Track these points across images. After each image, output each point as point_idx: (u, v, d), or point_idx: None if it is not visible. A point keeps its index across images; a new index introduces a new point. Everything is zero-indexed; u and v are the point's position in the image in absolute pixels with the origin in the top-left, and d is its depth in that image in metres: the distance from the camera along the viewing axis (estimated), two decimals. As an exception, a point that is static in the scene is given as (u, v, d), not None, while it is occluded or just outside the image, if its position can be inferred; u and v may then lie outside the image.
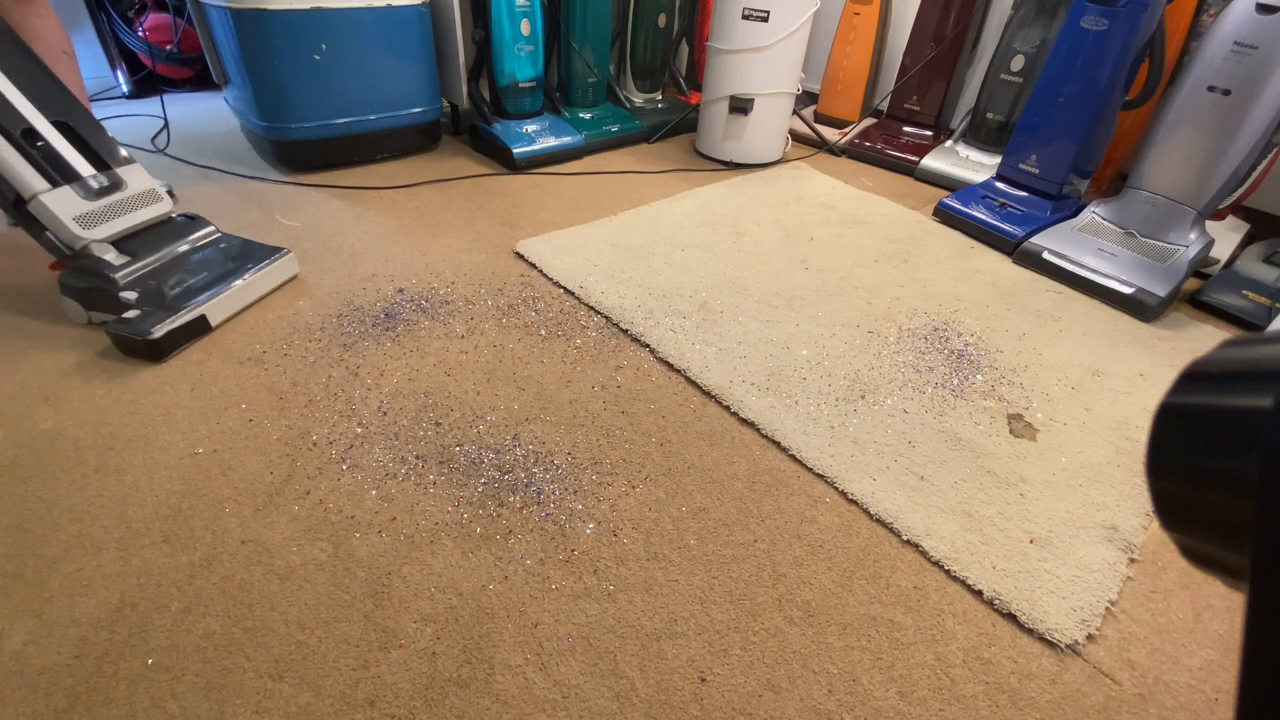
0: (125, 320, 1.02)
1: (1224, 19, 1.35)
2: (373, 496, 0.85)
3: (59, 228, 1.04)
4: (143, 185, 1.17)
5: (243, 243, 1.26)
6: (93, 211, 1.07)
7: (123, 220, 1.12)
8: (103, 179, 1.11)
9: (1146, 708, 0.69)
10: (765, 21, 1.84)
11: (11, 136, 1.02)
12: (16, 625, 0.69)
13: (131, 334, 1.00)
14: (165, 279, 1.10)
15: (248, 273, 1.18)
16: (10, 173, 1.01)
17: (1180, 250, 1.45)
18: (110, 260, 1.07)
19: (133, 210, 1.14)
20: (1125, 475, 0.98)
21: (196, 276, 1.13)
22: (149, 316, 1.03)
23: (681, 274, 1.41)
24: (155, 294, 1.07)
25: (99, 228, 1.08)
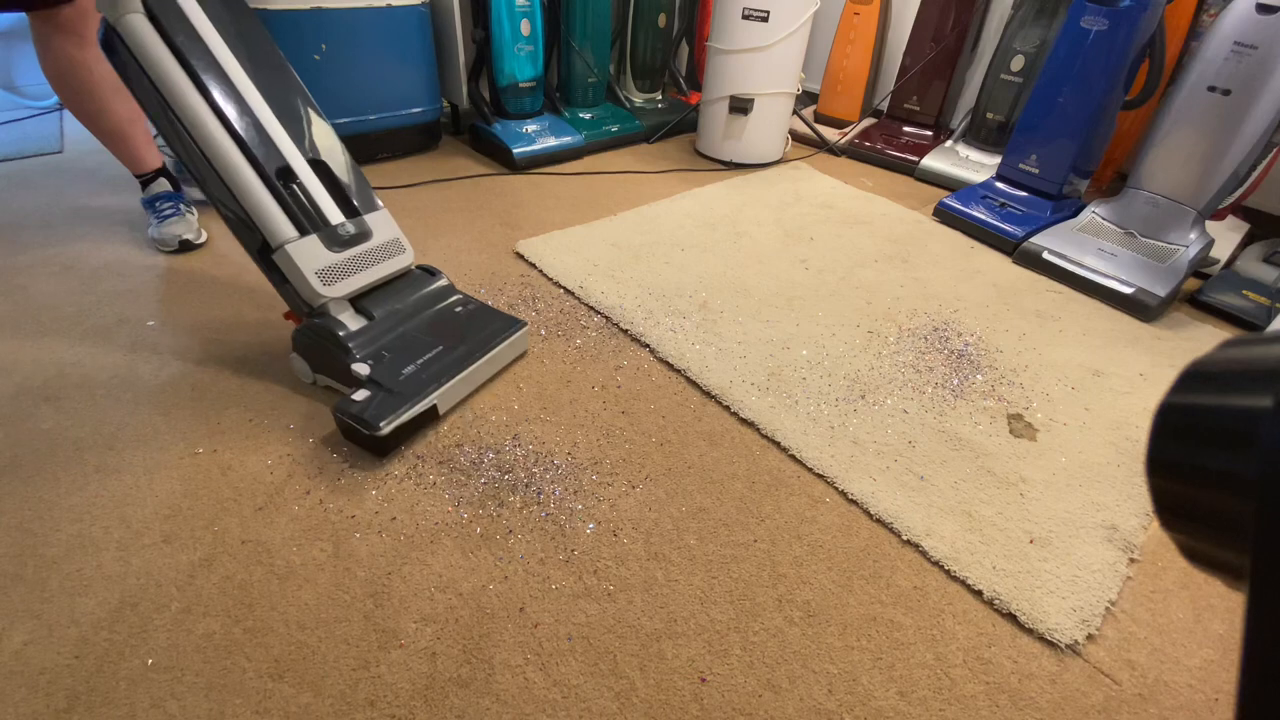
0: (353, 403, 0.88)
1: (1224, 19, 1.35)
2: (373, 496, 0.85)
3: (301, 283, 0.92)
4: (388, 234, 1.04)
5: (480, 308, 1.11)
6: (336, 265, 0.95)
7: (365, 275, 0.99)
8: (350, 227, 0.99)
9: (1146, 708, 0.69)
10: (765, 21, 1.84)
11: (268, 177, 0.91)
12: (16, 625, 0.69)
13: (359, 425, 0.87)
14: (400, 351, 0.97)
15: (485, 353, 1.02)
16: (262, 218, 0.91)
17: (1180, 250, 1.45)
18: (347, 324, 0.95)
19: (376, 264, 1.01)
20: (1125, 475, 0.98)
21: (432, 351, 0.99)
22: (378, 404, 0.89)
23: (681, 274, 1.41)
24: (388, 369, 0.94)
25: (341, 283, 0.96)
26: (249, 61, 0.93)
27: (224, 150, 0.88)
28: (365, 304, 0.99)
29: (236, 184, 0.89)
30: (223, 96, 0.89)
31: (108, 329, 1.13)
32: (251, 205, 0.90)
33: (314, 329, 0.95)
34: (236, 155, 0.88)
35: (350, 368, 0.92)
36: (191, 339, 1.12)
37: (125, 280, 1.26)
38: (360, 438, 0.89)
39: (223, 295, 1.24)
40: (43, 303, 1.18)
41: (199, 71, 0.87)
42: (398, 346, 0.98)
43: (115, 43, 0.84)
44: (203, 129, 0.87)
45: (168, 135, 0.89)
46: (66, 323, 1.14)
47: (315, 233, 0.94)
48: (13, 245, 1.35)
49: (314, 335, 0.96)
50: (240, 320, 1.17)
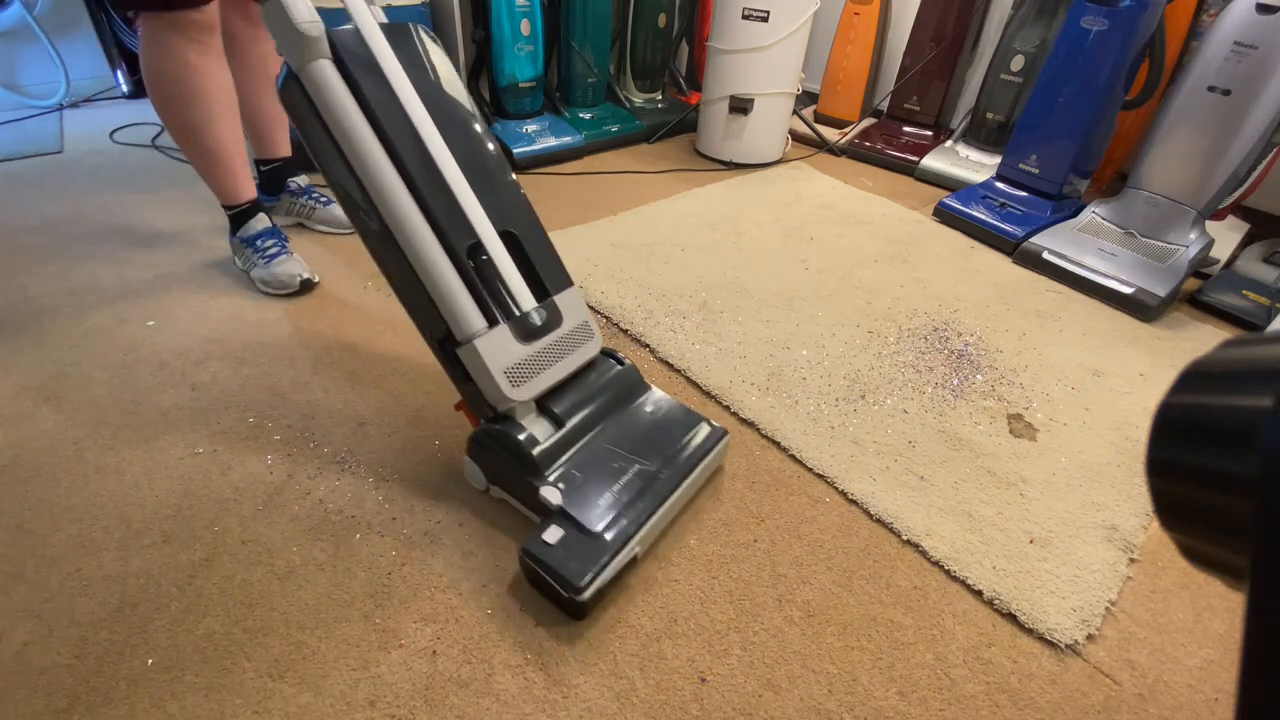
0: (545, 547, 0.72)
1: (1224, 19, 1.35)
2: (373, 496, 0.85)
3: (489, 384, 0.77)
4: (578, 317, 0.87)
5: (672, 407, 0.92)
6: (526, 361, 0.79)
7: (554, 372, 0.83)
8: (543, 313, 0.82)
9: (1146, 708, 0.69)
10: (765, 21, 1.84)
11: (459, 259, 0.75)
12: (16, 625, 0.69)
13: (556, 584, 0.70)
14: (593, 471, 0.81)
15: (687, 476, 0.84)
16: (451, 308, 0.75)
17: (1180, 250, 1.45)
18: (536, 435, 0.79)
19: (566, 356, 0.84)
20: (1125, 475, 0.98)
21: (629, 472, 0.82)
22: (577, 554, 0.72)
23: (681, 274, 1.41)
24: (583, 500, 0.77)
25: (530, 384, 0.79)
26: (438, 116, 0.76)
27: (415, 228, 0.73)
28: (551, 405, 0.83)
29: (427, 269, 0.74)
30: (414, 160, 0.74)
31: (108, 329, 1.13)
32: (441, 294, 0.75)
33: (498, 438, 0.80)
34: (429, 236, 0.74)
35: (540, 492, 0.76)
36: (191, 339, 1.12)
37: (125, 280, 1.26)
38: (554, 595, 0.73)
39: (223, 295, 1.24)
40: (43, 303, 1.18)
41: (387, 129, 0.73)
42: (590, 464, 0.82)
43: (296, 92, 0.72)
44: (391, 200, 0.72)
45: (347, 203, 0.76)
46: (67, 323, 1.14)
47: (505, 322, 0.78)
48: (13, 245, 1.35)
49: (498, 445, 0.80)
50: (240, 320, 1.17)
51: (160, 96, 1.11)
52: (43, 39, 2.05)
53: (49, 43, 2.06)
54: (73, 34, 2.13)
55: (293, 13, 0.67)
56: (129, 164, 1.78)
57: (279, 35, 0.69)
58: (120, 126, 1.99)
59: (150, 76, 1.09)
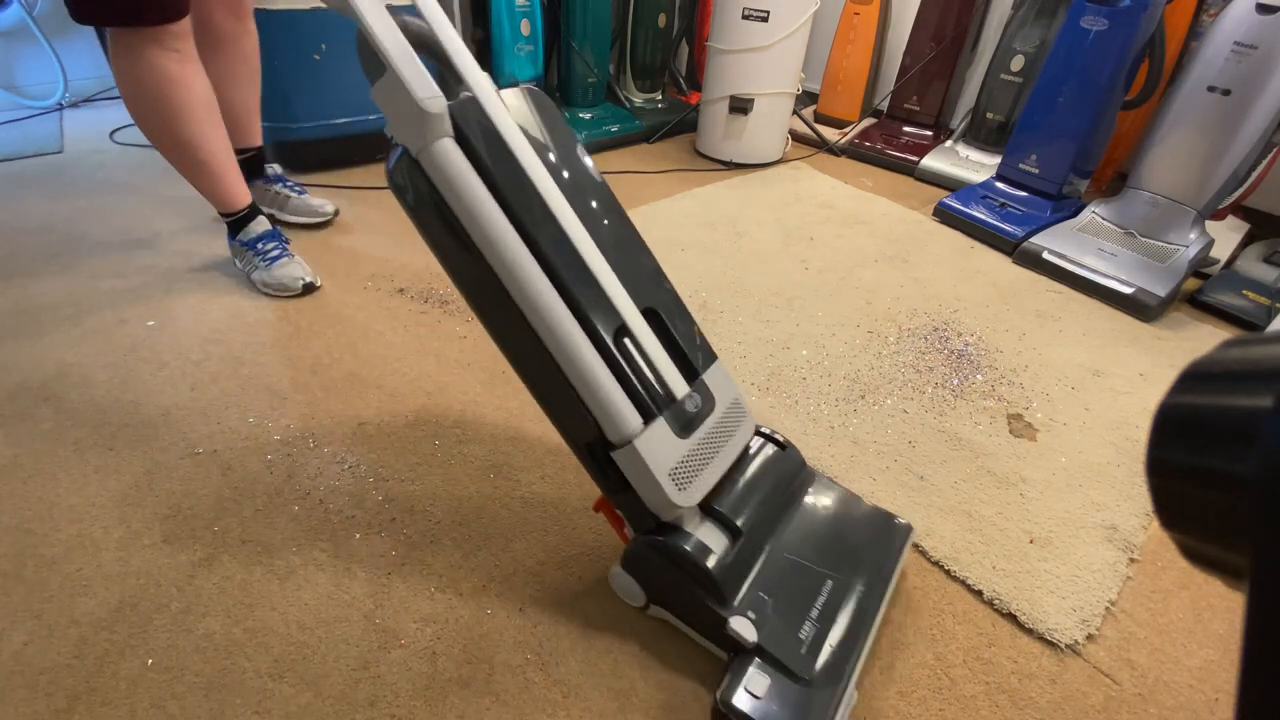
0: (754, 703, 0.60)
1: (1224, 19, 1.35)
2: (373, 496, 0.85)
3: (653, 491, 0.63)
4: (730, 395, 0.73)
5: (844, 497, 0.81)
6: (688, 457, 0.66)
7: (717, 466, 0.69)
8: (696, 398, 0.68)
9: (1146, 708, 0.69)
10: (765, 21, 1.84)
11: (608, 351, 0.62)
12: (16, 625, 0.69)
13: None
14: (783, 592, 0.68)
15: (885, 590, 0.72)
16: (604, 409, 0.62)
17: (1180, 250, 1.45)
18: (714, 552, 0.65)
19: (724, 445, 0.70)
20: (1125, 475, 0.98)
21: (822, 590, 0.69)
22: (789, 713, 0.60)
23: (681, 274, 1.41)
24: (779, 632, 0.65)
25: (695, 484, 0.66)
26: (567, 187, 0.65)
27: (559, 320, 0.61)
28: (718, 505, 0.69)
29: (575, 365, 0.62)
30: (549, 241, 0.62)
31: (108, 329, 1.13)
32: (592, 392, 0.62)
33: (670, 555, 0.66)
34: (574, 327, 0.61)
35: (729, 625, 0.64)
36: (191, 339, 1.12)
37: (125, 280, 1.26)
38: None
39: (223, 295, 1.24)
40: (43, 303, 1.18)
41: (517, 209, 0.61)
42: (777, 582, 0.69)
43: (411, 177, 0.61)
44: (530, 290, 0.60)
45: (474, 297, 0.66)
46: (66, 323, 1.14)
47: (662, 415, 0.65)
48: (13, 245, 1.35)
49: (668, 562, 0.66)
50: (240, 320, 1.17)
51: (141, 111, 1.06)
52: (41, 39, 2.05)
53: (48, 43, 2.06)
54: (72, 34, 2.12)
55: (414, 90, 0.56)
56: (129, 164, 1.78)
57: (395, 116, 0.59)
58: (120, 127, 1.99)
59: (130, 92, 1.04)
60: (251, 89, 1.36)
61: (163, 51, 1.01)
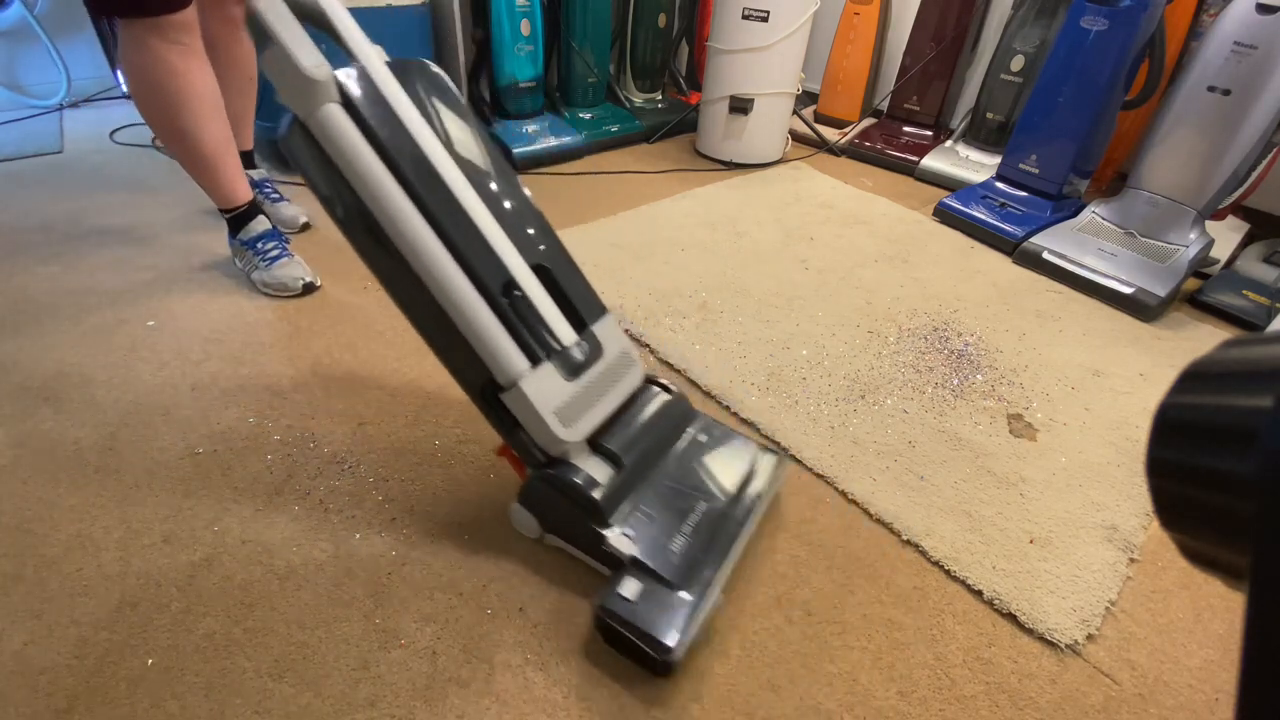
0: (627, 604, 0.67)
1: (1224, 19, 1.35)
2: (373, 496, 0.85)
3: (539, 428, 0.71)
4: (618, 345, 0.82)
5: (724, 432, 0.89)
6: (574, 398, 0.74)
7: (603, 407, 0.78)
8: (584, 345, 0.77)
9: (1146, 708, 0.69)
10: (765, 21, 1.84)
11: (494, 299, 0.70)
12: (16, 625, 0.69)
13: (641, 641, 0.65)
14: (660, 513, 0.76)
15: (756, 509, 0.80)
16: (493, 353, 0.69)
17: (1180, 250, 1.45)
18: (598, 481, 0.73)
19: (612, 388, 0.79)
20: (1125, 475, 0.98)
21: (696, 510, 0.77)
22: (659, 610, 0.67)
23: (681, 274, 1.41)
24: (654, 545, 0.72)
25: (581, 422, 0.74)
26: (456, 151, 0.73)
27: (445, 271, 0.67)
28: (604, 442, 0.77)
29: (462, 312, 0.68)
30: (437, 203, 0.68)
31: (108, 329, 1.13)
32: (479, 337, 0.69)
33: (556, 485, 0.74)
34: (460, 277, 0.68)
35: (608, 541, 0.72)
36: (191, 339, 1.12)
37: (125, 280, 1.26)
38: (639, 654, 0.67)
39: (222, 294, 1.24)
40: (43, 302, 1.18)
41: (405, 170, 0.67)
42: (656, 506, 0.77)
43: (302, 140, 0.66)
44: (417, 244, 0.67)
45: (367, 252, 0.71)
46: (66, 323, 1.14)
47: (549, 360, 0.73)
48: (13, 245, 1.35)
49: (555, 492, 0.74)
50: (240, 320, 1.17)
51: (146, 102, 1.09)
52: (43, 39, 2.05)
53: (49, 42, 2.06)
54: (73, 34, 2.12)
55: (298, 59, 0.62)
56: (129, 164, 1.77)
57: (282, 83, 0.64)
58: (120, 126, 1.99)
59: (134, 82, 1.07)
60: (244, 96, 1.37)
61: (166, 44, 1.04)
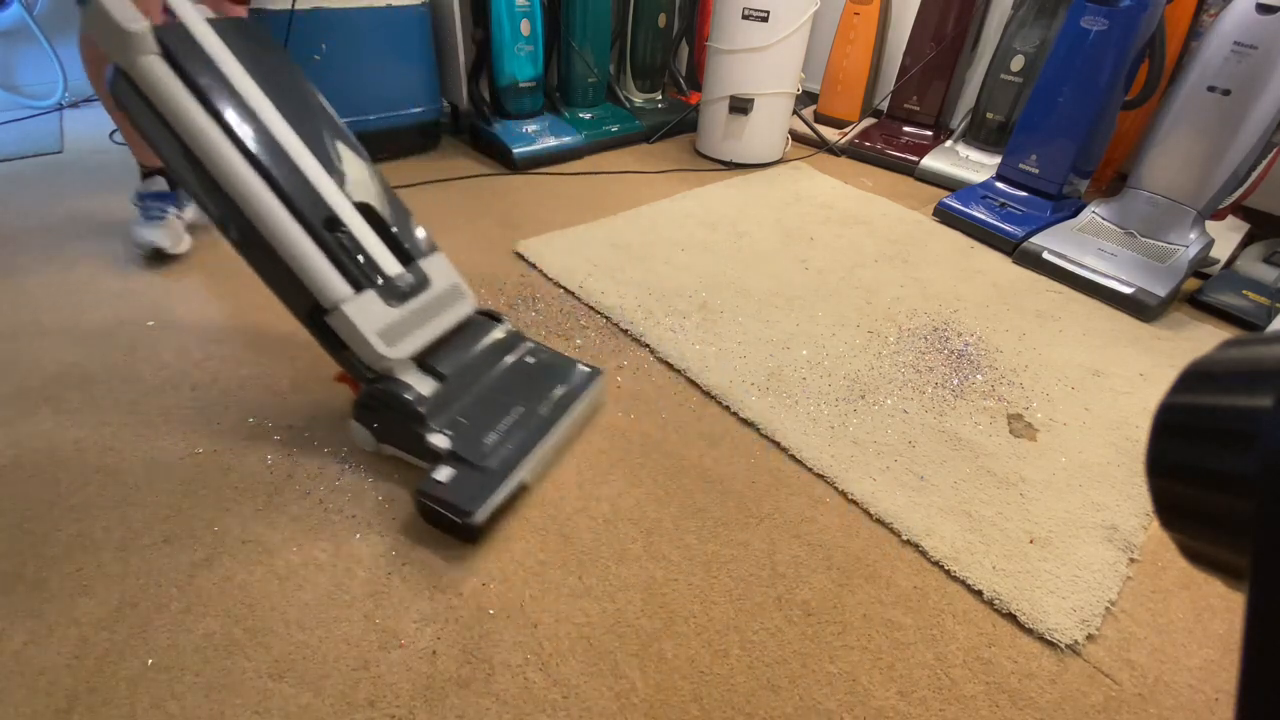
0: (440, 486, 0.78)
1: (1224, 19, 1.35)
2: (373, 496, 0.85)
3: (362, 346, 0.81)
4: (447, 280, 0.94)
5: (552, 356, 1.00)
6: (398, 321, 0.84)
7: (429, 330, 0.89)
8: (409, 277, 0.88)
9: (1146, 708, 0.69)
10: (765, 21, 1.84)
11: (315, 230, 0.79)
12: (16, 625, 0.69)
13: (450, 513, 0.77)
14: (479, 417, 0.87)
15: (567, 413, 0.91)
16: (313, 276, 0.78)
17: (1180, 250, 1.45)
18: (419, 390, 0.84)
19: (439, 315, 0.91)
20: (1125, 475, 0.98)
21: (512, 413, 0.89)
22: (467, 486, 0.78)
23: (681, 274, 1.41)
24: (469, 441, 0.83)
25: (405, 342, 0.85)
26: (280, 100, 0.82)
27: (264, 204, 0.76)
28: (431, 362, 0.88)
29: (282, 240, 0.77)
30: (257, 144, 0.77)
31: (108, 329, 1.13)
32: (300, 263, 0.78)
33: (380, 396, 0.84)
34: (279, 209, 0.77)
35: (427, 440, 0.81)
36: (191, 339, 1.12)
37: (125, 280, 1.26)
38: (448, 524, 0.79)
39: (223, 294, 1.24)
40: (43, 303, 1.18)
41: (227, 118, 0.76)
42: (475, 411, 0.87)
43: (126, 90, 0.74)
44: (238, 182, 0.75)
45: (196, 192, 0.78)
46: (66, 323, 1.13)
47: (372, 288, 0.83)
48: (13, 245, 1.35)
49: (381, 403, 0.84)
50: (240, 320, 1.17)
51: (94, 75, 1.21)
52: (41, 39, 2.05)
53: (48, 43, 2.06)
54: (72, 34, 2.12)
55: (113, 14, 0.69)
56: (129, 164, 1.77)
57: (102, 35, 0.71)
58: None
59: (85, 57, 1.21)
60: None
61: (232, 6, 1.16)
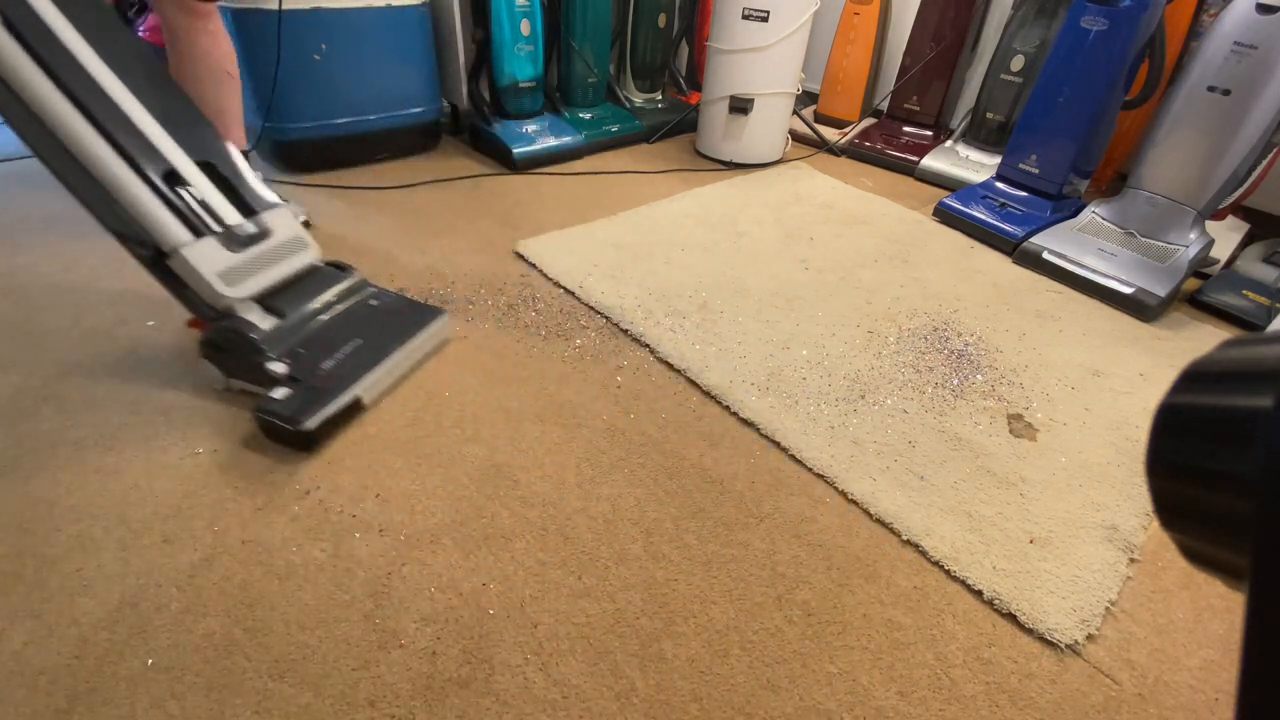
0: (275, 402, 0.88)
1: (1224, 19, 1.35)
2: (373, 497, 0.85)
3: (202, 286, 0.90)
4: (290, 232, 1.03)
5: (396, 299, 1.12)
6: (238, 265, 0.93)
7: (269, 274, 0.98)
8: (249, 227, 0.97)
9: (1146, 708, 0.69)
10: (765, 21, 1.84)
11: (152, 182, 0.87)
12: (16, 625, 0.69)
13: (279, 421, 0.87)
14: (317, 347, 0.97)
15: (405, 343, 1.03)
16: (151, 223, 0.87)
17: (1180, 250, 1.45)
18: (257, 324, 0.93)
19: (280, 261, 1.00)
20: (1125, 475, 0.98)
21: (350, 344, 0.99)
22: (300, 401, 0.89)
23: (681, 274, 1.41)
24: (306, 366, 0.93)
25: (245, 284, 0.94)
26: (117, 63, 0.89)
27: (101, 157, 0.83)
28: (274, 303, 0.98)
29: (120, 191, 0.85)
30: (93, 102, 0.84)
31: (108, 329, 1.13)
32: (139, 211, 0.86)
33: (222, 331, 0.93)
34: (116, 161, 0.84)
35: (265, 366, 0.90)
36: (191, 338, 1.11)
37: (125, 280, 1.26)
38: (285, 435, 0.88)
39: (223, 295, 1.24)
40: (43, 303, 1.18)
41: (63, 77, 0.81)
42: (313, 343, 0.97)
43: None
44: (76, 136, 0.82)
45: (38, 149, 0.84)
46: (66, 323, 1.13)
47: (211, 234, 0.92)
48: (13, 245, 1.35)
49: (223, 338, 0.93)
50: (240, 320, 1.17)
51: None
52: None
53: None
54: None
55: None
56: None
57: None
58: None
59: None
60: (215, 89, 1.35)
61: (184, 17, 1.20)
